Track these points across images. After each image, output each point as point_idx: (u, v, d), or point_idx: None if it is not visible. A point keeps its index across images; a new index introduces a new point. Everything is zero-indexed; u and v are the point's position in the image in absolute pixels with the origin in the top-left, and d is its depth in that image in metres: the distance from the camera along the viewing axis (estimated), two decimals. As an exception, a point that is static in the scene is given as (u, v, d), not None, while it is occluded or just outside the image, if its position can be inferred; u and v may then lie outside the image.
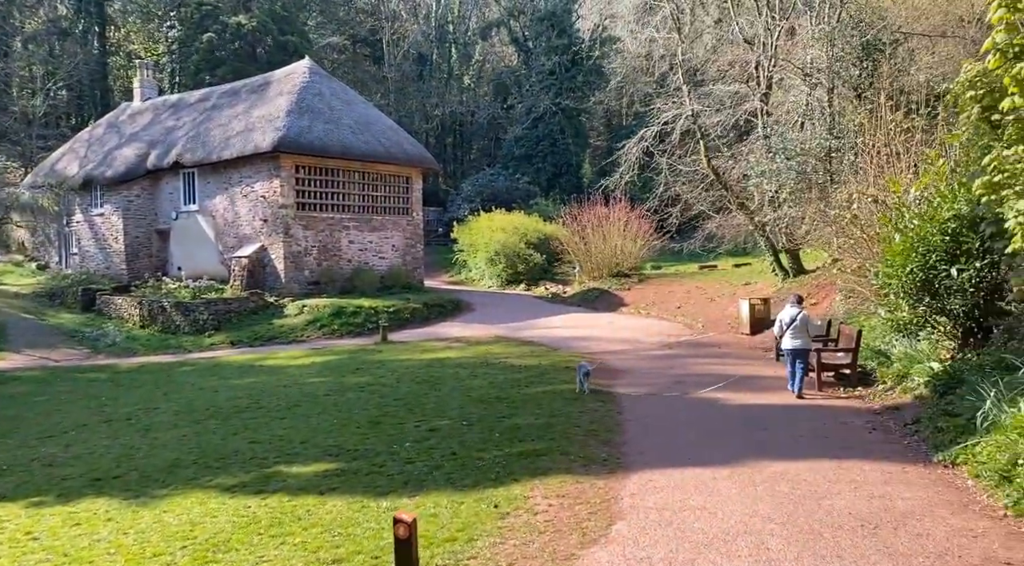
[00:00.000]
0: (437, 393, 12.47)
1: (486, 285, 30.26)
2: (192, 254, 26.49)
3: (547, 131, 41.09)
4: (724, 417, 10.14)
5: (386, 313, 22.19)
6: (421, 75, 47.89)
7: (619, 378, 13.21)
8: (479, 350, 17.34)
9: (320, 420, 10.91)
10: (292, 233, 23.93)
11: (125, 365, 18.91)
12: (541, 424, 9.52)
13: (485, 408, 10.90)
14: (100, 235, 28.27)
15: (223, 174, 25.34)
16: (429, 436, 9.44)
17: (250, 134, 24.30)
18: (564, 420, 9.74)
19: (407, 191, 27.40)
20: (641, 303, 23.70)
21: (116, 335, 22.15)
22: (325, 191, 24.81)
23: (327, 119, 25.02)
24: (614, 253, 26.95)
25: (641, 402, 11.11)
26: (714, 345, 17.39)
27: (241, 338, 21.08)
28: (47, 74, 43.98)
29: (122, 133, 30.00)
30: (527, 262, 29.01)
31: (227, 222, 25.34)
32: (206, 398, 13.59)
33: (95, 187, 27.96)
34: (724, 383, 12.44)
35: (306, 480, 7.80)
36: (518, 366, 14.77)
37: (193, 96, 30.25)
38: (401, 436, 9.54)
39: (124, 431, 11.15)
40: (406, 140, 27.41)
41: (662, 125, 20.53)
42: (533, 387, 12.40)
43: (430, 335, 20.40)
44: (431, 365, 15.55)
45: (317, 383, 14.33)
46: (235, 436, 10.19)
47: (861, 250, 12.48)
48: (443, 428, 9.82)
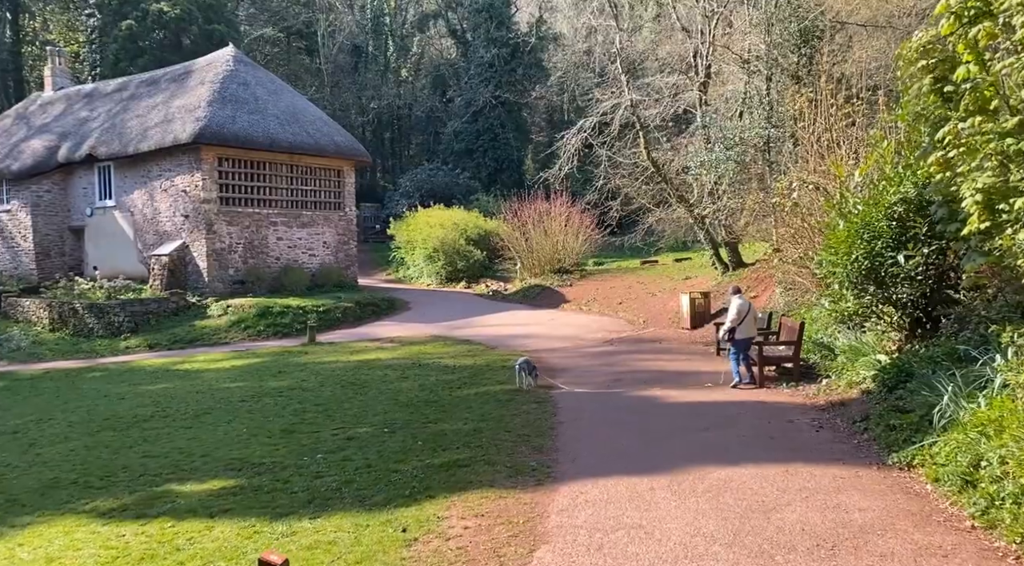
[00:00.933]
0: (362, 397, 11.59)
1: (425, 283, 29.33)
2: (109, 253, 24.89)
3: (487, 125, 40.30)
4: (664, 417, 9.53)
5: (316, 313, 21.10)
6: (356, 67, 46.57)
7: (557, 377, 12.52)
8: (412, 350, 16.47)
9: (229, 429, 9.93)
10: (215, 229, 22.61)
11: (28, 372, 17.44)
12: (469, 430, 8.74)
13: (411, 413, 10.07)
14: (7, 233, 26.37)
15: (141, 168, 23.83)
16: (345, 445, 8.57)
17: (169, 125, 22.88)
18: (494, 424, 8.97)
19: (339, 185, 26.27)
20: (583, 299, 23.14)
21: (21, 340, 20.56)
22: (251, 185, 23.53)
23: (252, 109, 23.74)
24: (555, 249, 26.34)
25: (578, 402, 10.43)
26: (655, 340, 16.89)
27: (159, 341, 19.76)
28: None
29: (31, 125, 28.07)
30: (467, 259, 28.19)
31: (146, 218, 23.85)
32: (108, 407, 12.42)
33: (1, 182, 26.05)
34: (663, 380, 11.88)
35: (197, 501, 6.86)
36: (452, 367, 13.97)
37: (109, 85, 28.49)
38: (315, 446, 8.65)
39: (6, 447, 9.96)
40: (337, 132, 26.28)
41: (601, 116, 19.97)
42: (465, 389, 11.62)
43: (362, 336, 19.43)
44: (359, 367, 14.64)
45: (233, 388, 13.28)
46: (129, 450, 9.13)
47: (802, 239, 12.08)
48: (362, 436, 8.96)
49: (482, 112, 40.02)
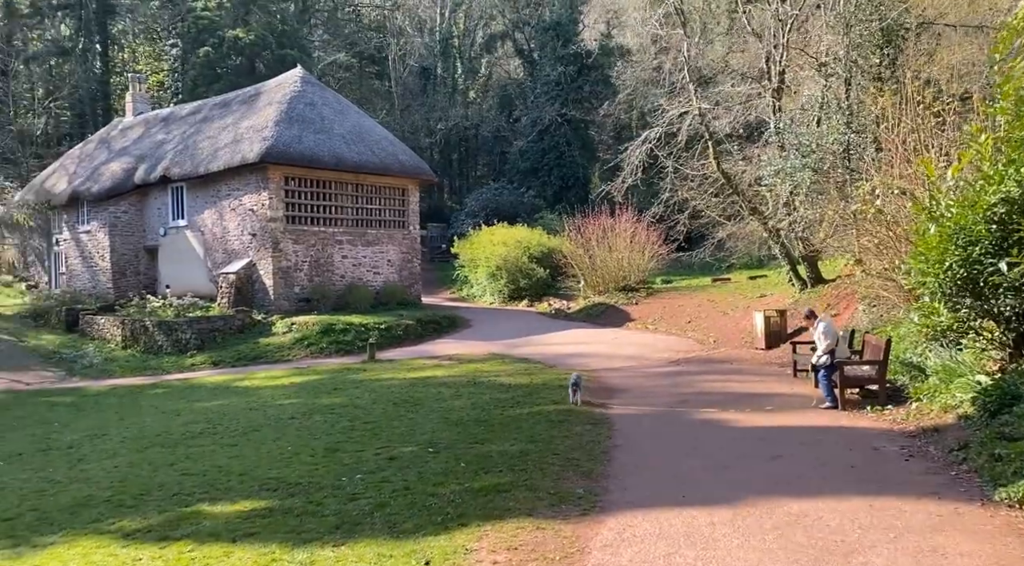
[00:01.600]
0: (412, 416, 11.12)
1: (487, 301, 28.92)
2: (181, 271, 25.40)
3: (553, 143, 39.89)
4: (731, 442, 8.69)
5: (377, 330, 20.91)
6: (425, 90, 46.99)
7: (616, 397, 11.79)
8: (469, 368, 15.98)
9: (273, 447, 9.59)
10: (282, 248, 22.77)
11: (95, 388, 17.73)
12: (516, 452, 8.13)
13: (459, 432, 9.53)
14: (87, 253, 27.29)
15: (211, 188, 24.29)
16: (387, 466, 8.08)
17: (238, 145, 23.25)
18: (543, 446, 8.34)
19: (403, 204, 26.21)
20: (649, 318, 22.27)
21: (94, 357, 21.06)
22: (316, 203, 23.66)
23: (318, 129, 23.94)
24: (620, 266, 25.55)
25: (637, 424, 9.69)
26: (726, 361, 15.92)
27: (224, 358, 19.88)
28: (47, 94, 43.52)
29: (112, 148, 29.12)
30: (530, 277, 27.66)
31: (216, 237, 24.25)
32: (162, 423, 12.32)
33: (82, 203, 27.03)
34: (732, 402, 11.00)
35: (224, 523, 6.46)
36: (507, 385, 13.40)
37: (185, 109, 29.36)
38: (356, 466, 8.19)
39: (56, 462, 9.88)
40: (401, 151, 26.27)
41: (667, 126, 19.20)
42: (518, 408, 11.02)
43: (421, 353, 19.08)
44: (414, 385, 14.22)
45: (287, 405, 13.03)
46: (171, 467, 8.88)
47: (887, 250, 11.05)
48: (405, 456, 8.46)
49: (548, 130, 39.65)
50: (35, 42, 45.36)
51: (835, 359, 10.57)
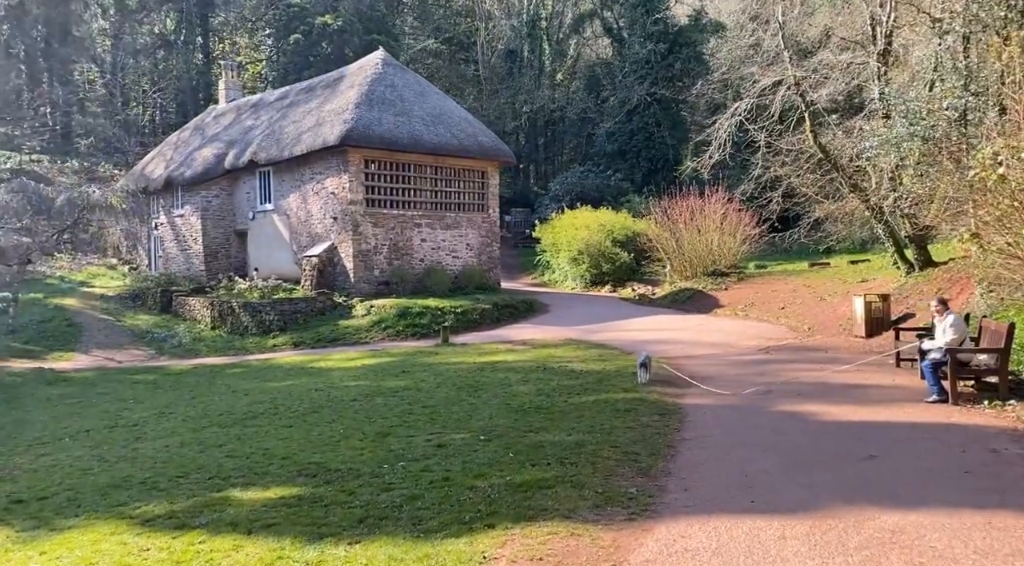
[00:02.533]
0: (473, 401, 10.56)
1: (569, 287, 28.13)
2: (268, 254, 25.80)
3: (642, 124, 38.50)
4: (817, 438, 7.67)
5: (453, 314, 20.54)
6: (511, 73, 46.37)
7: (694, 386, 10.85)
8: (541, 353, 15.31)
9: (326, 430, 9.22)
10: (361, 231, 22.69)
11: (178, 367, 18.09)
12: (571, 442, 7.41)
13: (516, 420, 8.89)
14: (181, 236, 28.16)
15: (296, 172, 24.50)
16: (434, 453, 7.53)
17: (320, 128, 23.30)
18: (602, 437, 7.58)
19: (483, 186, 25.70)
20: (739, 304, 20.96)
21: (183, 336, 21.60)
22: (396, 186, 23.47)
23: (398, 111, 23.70)
24: (709, 250, 24.24)
25: (711, 416, 8.77)
26: (820, 349, 14.62)
27: (304, 339, 19.97)
28: (152, 85, 45.44)
29: (205, 135, 29.93)
30: (613, 261, 26.67)
31: (300, 221, 24.46)
32: (228, 403, 12.24)
33: (176, 188, 27.88)
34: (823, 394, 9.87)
35: (248, 511, 6.05)
36: (577, 371, 12.65)
37: (272, 95, 29.84)
38: (402, 452, 7.68)
39: (115, 440, 9.84)
40: (481, 132, 25.74)
41: (759, 97, 17.79)
42: (585, 395, 10.27)
43: (495, 337, 18.55)
44: (482, 369, 13.67)
45: (351, 387, 12.74)
46: (219, 448, 8.63)
47: (1011, 223, 9.62)
48: (455, 443, 7.88)
49: (636, 111, 38.29)
50: (142, 35, 47.45)
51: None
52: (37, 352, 20.47)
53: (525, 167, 49.78)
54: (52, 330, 22.42)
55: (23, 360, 19.58)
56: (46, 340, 21.49)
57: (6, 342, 20.95)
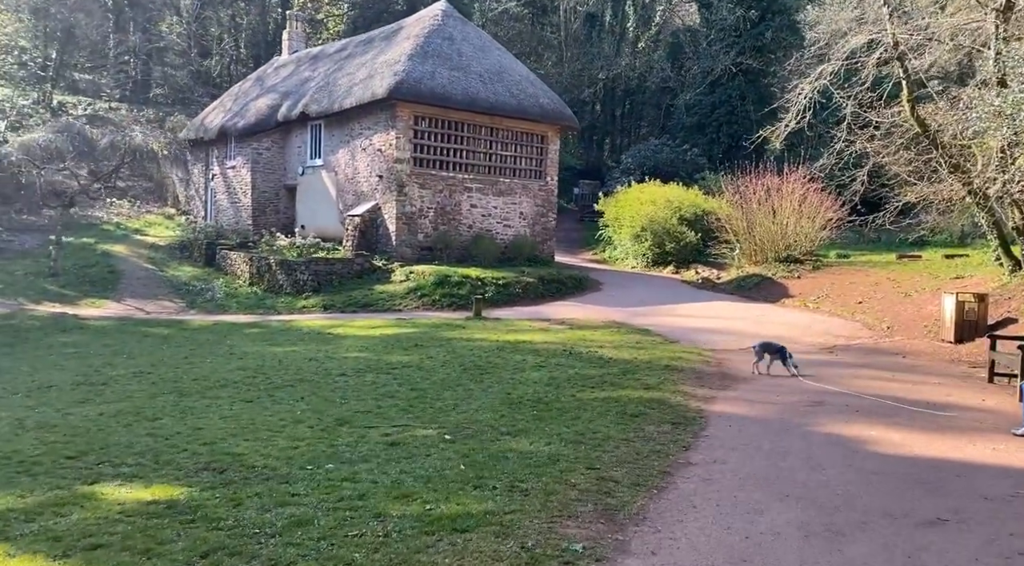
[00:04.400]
0: (471, 387, 9.15)
1: (629, 265, 26.28)
2: (315, 212, 24.90)
3: (725, 97, 35.84)
4: (866, 480, 5.86)
5: (494, 286, 19.13)
6: (590, 38, 44.13)
7: (732, 388, 9.12)
8: (575, 336, 13.73)
9: (282, 409, 8.01)
10: (407, 192, 21.43)
11: (198, 322, 17.34)
12: (545, 455, 5.89)
13: (502, 416, 7.43)
14: (232, 189, 27.62)
15: (346, 126, 23.41)
16: (376, 455, 6.18)
17: (370, 80, 22.04)
18: (585, 451, 6.04)
19: (541, 152, 24.01)
20: (811, 295, 18.79)
21: (217, 291, 20.97)
22: (446, 146, 22.05)
23: (454, 66, 22.20)
24: (783, 233, 21.96)
25: (736, 431, 7.07)
26: (897, 353, 12.54)
27: (335, 302, 18.95)
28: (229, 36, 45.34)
29: (264, 86, 29.20)
30: (678, 240, 24.65)
31: (347, 178, 23.41)
32: (213, 367, 11.21)
33: (230, 139, 27.26)
34: (888, 413, 7.97)
35: (96, 519, 4.80)
36: (605, 360, 11.06)
37: (332, 47, 28.82)
38: (343, 451, 6.36)
39: (65, 400, 8.82)
40: (543, 93, 23.99)
41: (847, 60, 15.43)
42: (598, 390, 8.70)
43: (533, 314, 17.06)
44: (502, 349, 12.22)
45: (351, 359, 11.52)
46: (152, 422, 7.50)
47: None
48: (411, 443, 6.50)
49: (719, 82, 35.63)
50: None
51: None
52: (71, 297, 20.15)
53: (599, 138, 47.68)
54: (92, 276, 22.13)
55: (54, 304, 19.27)
56: (84, 285, 21.18)
57: (43, 285, 20.73)
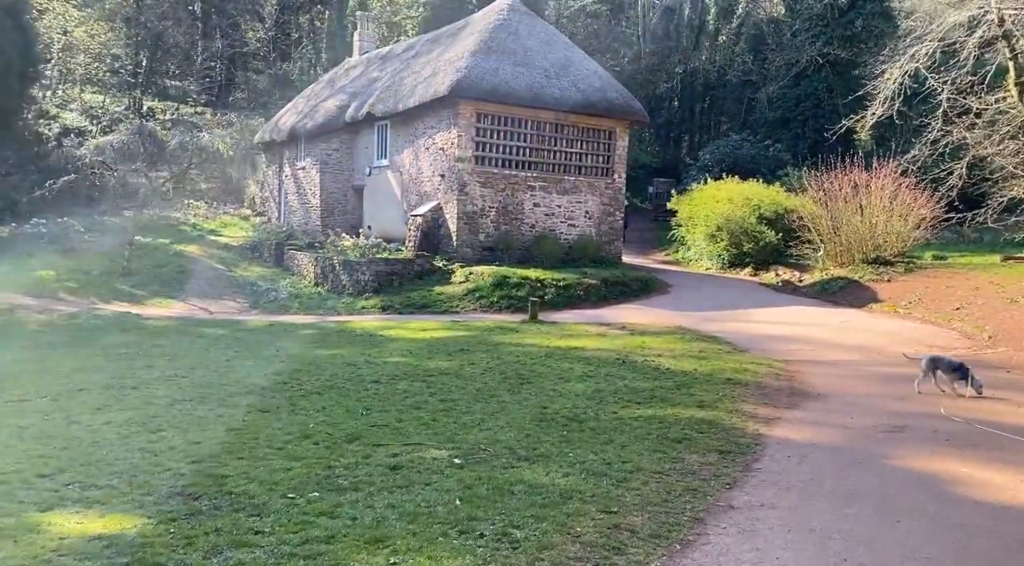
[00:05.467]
0: (506, 398, 8.41)
1: (704, 266, 24.98)
2: (381, 212, 24.66)
3: (810, 90, 33.95)
4: (956, 538, 4.77)
5: (554, 288, 18.36)
6: (667, 32, 42.71)
7: (802, 406, 8.04)
8: (633, 342, 12.78)
9: (294, 421, 7.43)
10: (468, 191, 20.87)
11: (256, 323, 17.19)
12: (558, 490, 5.06)
13: (527, 435, 6.68)
14: (302, 189, 27.75)
15: (410, 126, 23.07)
16: (371, 483, 5.53)
17: (433, 78, 21.61)
18: (607, 487, 5.21)
19: (608, 148, 23.02)
20: (901, 300, 17.19)
21: (282, 292, 20.96)
22: (509, 144, 21.38)
23: (518, 61, 21.50)
24: (872, 233, 20.28)
25: (796, 464, 6.03)
26: (1000, 367, 11.08)
27: (393, 303, 18.56)
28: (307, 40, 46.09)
29: (334, 87, 29.27)
30: (756, 241, 23.22)
31: (411, 178, 23.07)
32: (251, 370, 10.81)
33: (300, 140, 27.41)
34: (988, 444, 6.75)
35: (24, 556, 4.25)
36: (660, 371, 10.10)
37: (401, 46, 28.62)
38: (340, 473, 5.75)
39: (82, 407, 8.44)
40: (611, 87, 23.00)
41: (943, 41, 13.88)
42: (644, 406, 7.80)
43: (593, 318, 16.19)
44: (551, 355, 11.43)
45: (391, 364, 10.95)
46: (153, 434, 7.00)
47: None
48: (414, 467, 5.83)
49: (804, 74, 33.77)
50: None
51: None
52: (139, 296, 20.47)
53: (677, 135, 46.13)
54: (163, 275, 22.50)
55: (123, 303, 19.57)
56: (153, 285, 21.52)
57: (116, 285, 21.14)
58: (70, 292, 20.27)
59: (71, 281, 21.08)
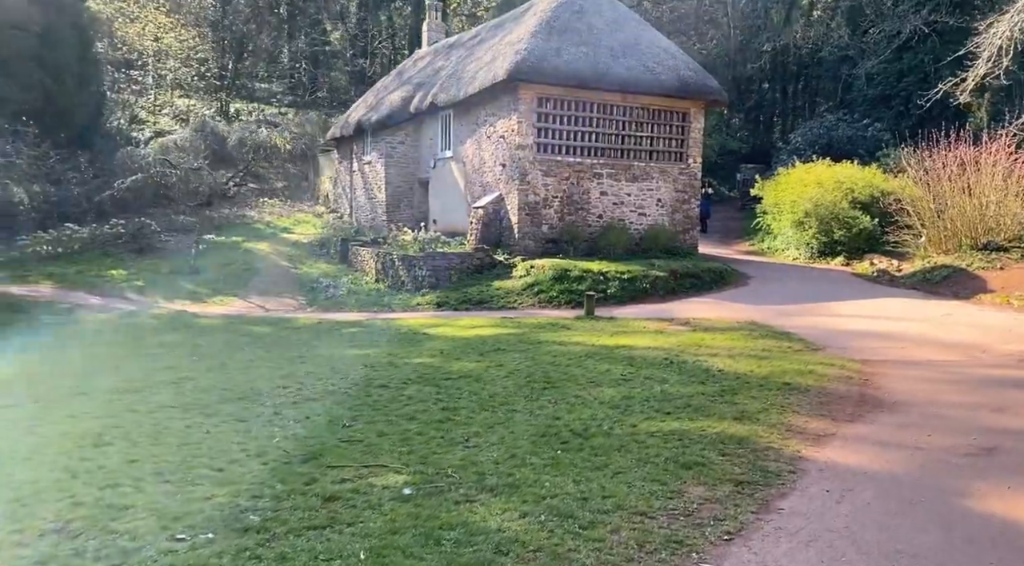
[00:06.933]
0: (517, 407, 7.32)
1: (791, 256, 22.97)
2: (446, 205, 23.95)
3: (915, 63, 30.98)
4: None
5: (617, 281, 17.04)
6: (755, 9, 40.19)
7: (866, 420, 6.55)
8: (690, 339, 11.38)
9: (259, 436, 6.55)
10: (529, 180, 19.77)
11: (304, 321, 16.69)
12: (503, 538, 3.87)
13: (510, 458, 5.59)
14: (368, 184, 27.37)
15: (472, 114, 22.18)
16: (288, 519, 4.55)
17: (493, 63, 20.60)
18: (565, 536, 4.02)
19: (682, 131, 21.40)
20: (1015, 290, 14.97)
21: (341, 288, 20.53)
22: (573, 129, 20.12)
23: (582, 41, 20.20)
24: (982, 215, 17.95)
25: (835, 504, 4.62)
26: None
27: (448, 300, 17.70)
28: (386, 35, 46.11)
29: (402, 79, 28.76)
30: (848, 227, 21.11)
31: (474, 169, 22.19)
32: (264, 373, 10.10)
33: (366, 134, 27.02)
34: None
35: None
36: (711, 373, 8.73)
37: (467, 35, 27.76)
38: (265, 507, 4.79)
39: (71, 410, 7.93)
40: (685, 65, 21.35)
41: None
42: (671, 418, 6.52)
43: (657, 313, 14.79)
44: (592, 355, 10.23)
45: (412, 365, 10.04)
46: (102, 449, 6.24)
47: None
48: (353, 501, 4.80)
49: (908, 46, 30.81)
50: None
51: None
52: (202, 294, 20.43)
53: (767, 119, 43.46)
54: (229, 273, 22.48)
55: (185, 302, 19.53)
56: (218, 282, 21.48)
57: (182, 283, 21.22)
58: (136, 291, 20.44)
59: (139, 280, 21.32)
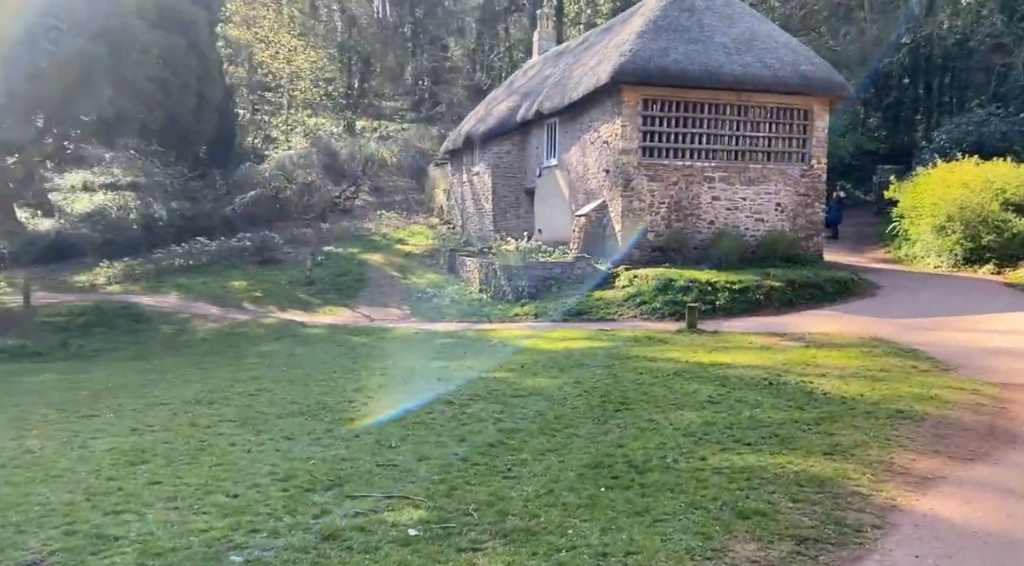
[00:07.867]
0: (580, 432, 6.67)
1: (931, 264, 20.71)
2: (551, 214, 23.41)
3: (1086, 45, 27.52)
4: None
5: (727, 292, 15.86)
6: (893, 1, 37.16)
7: (991, 459, 5.38)
8: (799, 357, 10.21)
9: (293, 458, 6.18)
10: (633, 186, 18.88)
11: (402, 331, 16.74)
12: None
13: (547, 494, 4.92)
14: (476, 195, 27.28)
15: (576, 121, 21.58)
16: (274, 559, 4.03)
17: (597, 67, 19.93)
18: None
19: (804, 130, 19.80)
20: None
21: (443, 299, 20.45)
22: (681, 131, 19.04)
23: (692, 39, 19.14)
24: None
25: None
26: None
27: (547, 310, 17.15)
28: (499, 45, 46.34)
29: (511, 89, 28.58)
30: (999, 231, 18.75)
31: (578, 176, 21.56)
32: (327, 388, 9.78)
33: (474, 145, 26.97)
34: None
35: None
36: (814, 397, 7.66)
37: (576, 41, 27.20)
38: (262, 542, 4.37)
39: (113, 429, 7.89)
40: (805, 59, 19.76)
41: None
42: (751, 451, 5.60)
43: (770, 326, 13.56)
44: (682, 373, 9.32)
45: (488, 380, 9.51)
46: (131, 468, 6.02)
47: None
48: (352, 540, 4.27)
49: (1077, 26, 27.42)
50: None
51: None
52: (314, 304, 20.91)
53: (908, 117, 40.05)
54: (341, 284, 22.93)
55: (296, 311, 20.03)
56: (330, 293, 21.94)
57: (296, 293, 21.78)
58: (253, 301, 21.19)
59: (258, 290, 22.10)
